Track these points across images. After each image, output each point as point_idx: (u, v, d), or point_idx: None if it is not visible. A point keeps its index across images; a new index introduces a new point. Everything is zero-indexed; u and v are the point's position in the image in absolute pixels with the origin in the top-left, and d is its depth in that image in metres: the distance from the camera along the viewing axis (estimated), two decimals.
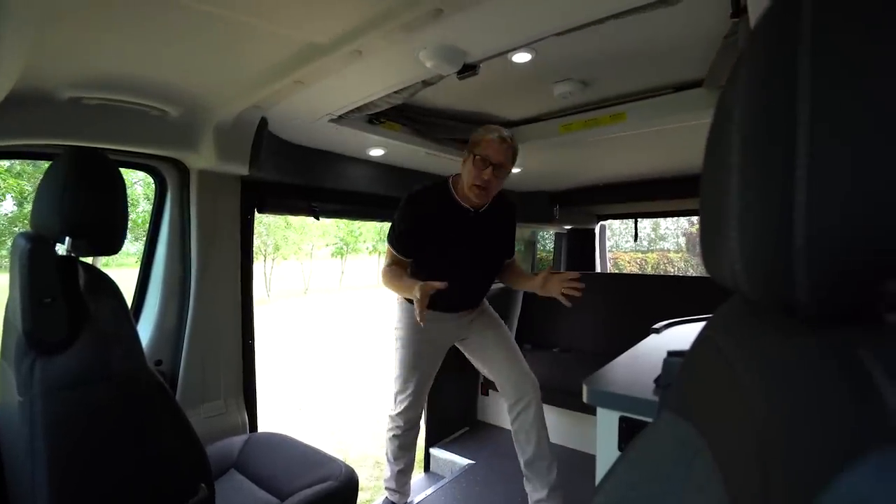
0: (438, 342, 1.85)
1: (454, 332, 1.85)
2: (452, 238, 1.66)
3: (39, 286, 0.83)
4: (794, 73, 0.24)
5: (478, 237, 1.69)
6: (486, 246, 1.74)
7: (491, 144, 1.52)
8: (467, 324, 1.86)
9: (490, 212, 1.71)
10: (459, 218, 1.66)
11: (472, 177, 1.55)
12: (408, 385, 1.84)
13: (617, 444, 1.00)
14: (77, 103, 1.22)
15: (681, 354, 0.54)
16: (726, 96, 0.31)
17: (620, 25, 0.98)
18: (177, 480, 0.92)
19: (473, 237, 1.68)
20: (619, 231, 12.07)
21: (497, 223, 1.76)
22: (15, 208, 8.08)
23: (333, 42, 1.02)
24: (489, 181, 1.54)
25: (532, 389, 1.80)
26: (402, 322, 1.82)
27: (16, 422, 0.84)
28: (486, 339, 1.87)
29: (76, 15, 0.86)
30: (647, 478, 0.44)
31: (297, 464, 1.34)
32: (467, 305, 1.83)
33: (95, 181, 0.90)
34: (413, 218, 1.63)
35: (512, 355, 1.84)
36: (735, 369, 0.33)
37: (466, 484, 2.22)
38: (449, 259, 1.67)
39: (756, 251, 0.27)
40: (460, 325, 1.84)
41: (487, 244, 1.74)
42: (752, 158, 0.27)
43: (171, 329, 1.61)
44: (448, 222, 1.65)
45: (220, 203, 1.66)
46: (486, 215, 1.70)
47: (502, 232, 1.81)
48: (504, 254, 1.84)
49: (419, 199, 1.65)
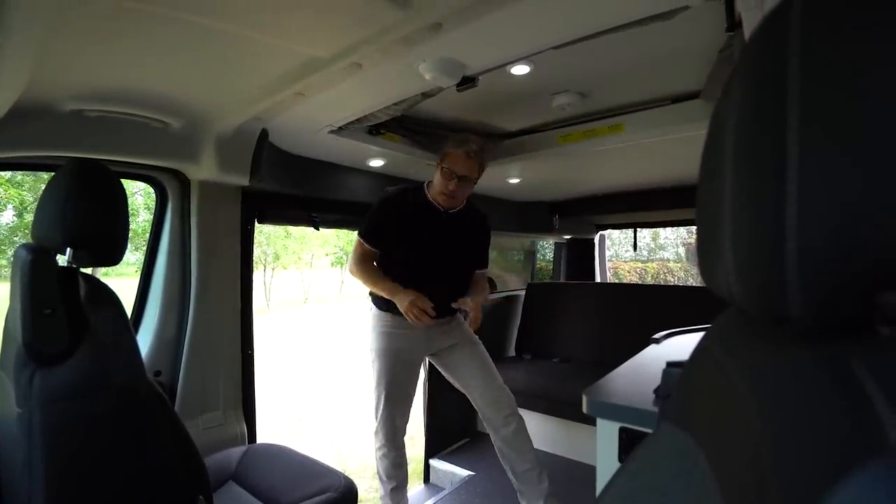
0: (409, 353, 1.81)
1: (425, 344, 1.82)
2: (423, 235, 1.73)
3: (40, 297, 0.83)
4: (784, 78, 0.24)
5: (447, 238, 1.77)
6: (455, 248, 1.79)
7: (458, 159, 1.65)
8: (440, 335, 1.82)
9: (461, 216, 1.81)
10: (431, 216, 1.75)
11: (441, 185, 1.70)
12: (381, 398, 1.79)
13: (617, 454, 0.99)
14: (79, 115, 1.23)
15: (680, 365, 0.54)
16: (720, 107, 0.32)
17: (618, 38, 1.00)
18: (175, 492, 0.91)
19: (443, 236, 1.76)
20: (619, 241, 12.11)
21: (467, 229, 1.85)
22: (15, 219, 8.10)
23: (334, 55, 1.03)
24: (454, 191, 1.68)
25: (508, 404, 1.80)
26: (373, 332, 1.81)
27: (13, 433, 0.83)
28: (460, 354, 1.85)
29: (79, 29, 0.87)
30: (647, 489, 0.43)
31: (297, 475, 1.33)
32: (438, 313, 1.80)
33: (97, 192, 0.91)
34: (386, 213, 1.74)
35: (486, 372, 1.83)
36: (731, 380, 0.33)
37: (466, 495, 2.20)
38: (419, 257, 1.72)
39: (749, 263, 0.27)
40: (432, 336, 1.80)
41: (457, 247, 1.79)
42: (745, 168, 0.27)
43: (170, 339, 1.61)
44: (420, 218, 1.74)
45: (220, 214, 1.67)
46: (456, 218, 1.80)
47: (472, 239, 1.87)
48: (475, 262, 1.89)
49: (393, 197, 1.76)
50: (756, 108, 0.27)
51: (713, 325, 0.45)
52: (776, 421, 0.25)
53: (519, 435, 1.78)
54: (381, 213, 1.74)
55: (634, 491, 0.45)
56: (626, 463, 0.49)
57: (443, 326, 1.83)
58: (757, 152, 0.26)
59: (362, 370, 6.64)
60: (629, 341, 1.63)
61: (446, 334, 1.84)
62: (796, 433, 0.23)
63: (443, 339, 1.84)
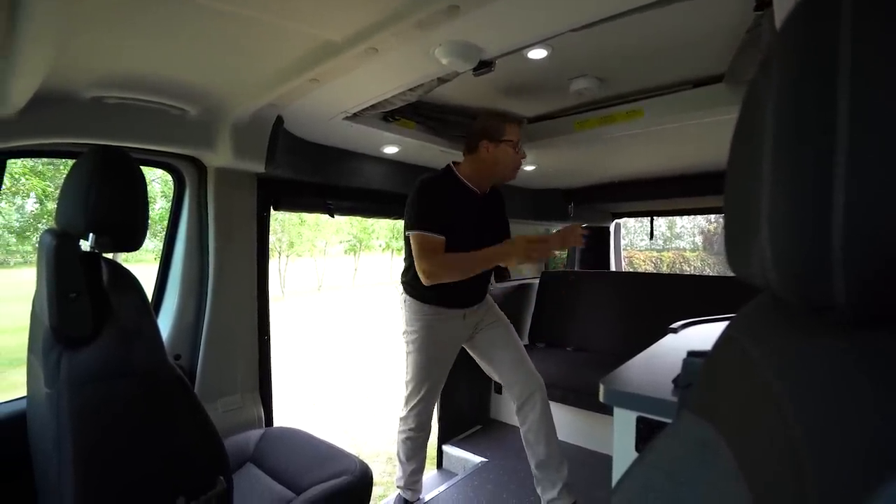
0: (450, 343, 1.84)
1: (463, 332, 1.85)
2: (465, 221, 1.69)
3: (65, 281, 0.85)
4: (834, 67, 0.23)
5: (484, 220, 1.77)
6: (490, 229, 1.78)
7: (516, 129, 1.66)
8: (475, 323, 1.85)
9: (490, 196, 1.81)
10: (469, 201, 1.73)
11: (511, 159, 1.67)
12: (420, 389, 1.82)
13: (634, 444, 0.98)
14: (98, 102, 1.24)
15: (701, 355, 0.53)
16: (755, 91, 0.30)
17: (639, 20, 0.97)
18: (196, 473, 0.93)
19: (481, 220, 1.75)
20: (634, 229, 11.92)
21: (495, 209, 1.87)
22: (37, 205, 8.31)
23: (349, 40, 1.02)
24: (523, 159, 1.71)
25: (539, 389, 1.80)
26: (414, 325, 1.79)
27: (44, 413, 0.86)
28: (493, 337, 1.86)
29: (99, 16, 0.87)
30: (666, 478, 0.43)
31: (313, 458, 1.36)
32: (476, 297, 1.83)
33: (119, 179, 0.92)
34: (437, 196, 1.66)
35: (518, 355, 1.84)
36: (762, 372, 0.33)
37: (479, 482, 2.22)
38: (463, 242, 1.68)
39: (789, 250, 0.26)
40: (468, 324, 1.83)
41: (491, 227, 1.80)
42: (786, 155, 0.26)
43: (189, 324, 1.64)
44: (460, 205, 1.70)
45: (236, 200, 1.68)
46: (488, 199, 1.80)
47: (500, 216, 1.89)
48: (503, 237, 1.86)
49: (436, 181, 1.70)
50: (800, 95, 0.25)
51: (739, 314, 0.44)
52: (814, 415, 0.24)
53: (546, 421, 1.78)
54: (433, 198, 1.64)
55: (653, 480, 0.45)
56: (644, 453, 0.48)
57: (478, 313, 1.86)
58: (801, 136, 0.25)
59: (377, 356, 6.73)
60: (644, 331, 1.61)
61: (483, 317, 1.87)
62: (840, 427, 0.22)
63: (477, 325, 1.86)
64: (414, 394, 1.84)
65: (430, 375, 1.81)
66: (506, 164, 1.68)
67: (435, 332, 1.77)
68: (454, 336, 1.83)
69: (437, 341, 1.79)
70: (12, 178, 7.05)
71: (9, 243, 8.77)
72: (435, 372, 1.82)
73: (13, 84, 0.99)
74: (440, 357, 1.82)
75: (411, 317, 1.80)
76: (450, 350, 1.85)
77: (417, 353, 1.80)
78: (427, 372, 1.81)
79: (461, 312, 1.79)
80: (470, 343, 1.91)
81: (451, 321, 1.78)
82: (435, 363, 1.81)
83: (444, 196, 1.66)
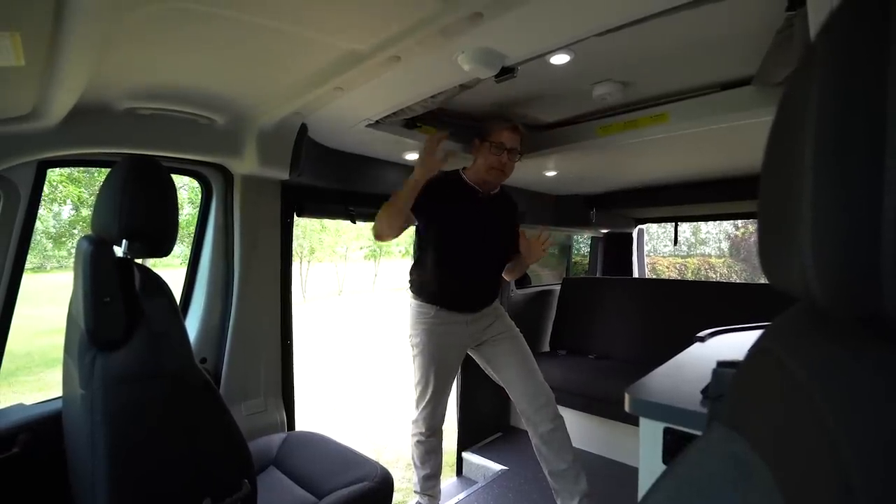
0: (452, 346, 1.84)
1: (467, 340, 1.85)
2: (461, 216, 1.75)
3: (100, 286, 0.88)
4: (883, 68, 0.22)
5: (487, 221, 1.81)
6: (492, 231, 1.82)
7: (504, 133, 1.70)
8: (482, 329, 1.85)
9: (496, 199, 1.86)
10: (470, 197, 1.79)
11: (490, 161, 1.72)
12: (426, 391, 1.84)
13: (661, 456, 0.96)
14: (132, 114, 1.29)
15: (732, 365, 0.52)
16: (794, 94, 0.30)
17: (664, 23, 0.95)
18: (222, 475, 0.95)
19: (482, 220, 1.79)
20: (657, 235, 11.68)
21: (502, 213, 1.90)
22: (73, 212, 8.64)
23: (373, 48, 1.03)
24: (506, 163, 1.73)
25: (547, 402, 1.78)
26: (416, 328, 1.84)
27: (79, 413, 0.89)
28: (501, 347, 1.86)
29: (136, 33, 0.91)
30: (697, 493, 0.42)
31: (334, 463, 1.36)
32: (478, 302, 1.83)
33: (151, 188, 0.95)
34: (430, 192, 1.70)
35: (527, 367, 1.82)
36: (799, 383, 0.31)
37: (499, 490, 2.20)
38: (459, 238, 1.74)
39: (834, 258, 0.25)
40: (472, 332, 1.83)
41: (494, 230, 1.83)
42: (831, 160, 0.25)
43: (215, 328, 1.68)
44: (457, 200, 1.78)
45: (261, 207, 1.72)
46: (492, 201, 1.84)
47: (508, 224, 1.91)
48: (510, 247, 1.90)
49: (436, 177, 1.75)
50: (846, 92, 0.24)
51: (774, 324, 0.42)
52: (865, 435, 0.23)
53: (557, 433, 1.76)
54: (428, 187, 1.70)
55: (683, 495, 0.43)
56: (672, 465, 0.47)
57: (484, 319, 1.85)
58: (847, 140, 0.24)
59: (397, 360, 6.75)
60: (669, 339, 1.57)
61: (488, 326, 1.86)
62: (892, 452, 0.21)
63: (485, 331, 1.86)
64: (421, 397, 1.86)
65: (434, 379, 1.83)
66: (481, 163, 1.75)
67: (436, 336, 1.80)
68: (456, 343, 1.84)
69: (440, 346, 1.81)
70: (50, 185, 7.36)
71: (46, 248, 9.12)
72: (438, 376, 1.83)
73: (54, 97, 1.03)
74: (442, 362, 1.83)
75: (414, 321, 1.85)
76: (452, 356, 1.86)
77: (421, 357, 1.83)
78: (429, 373, 1.83)
79: (463, 318, 1.80)
80: (478, 354, 1.91)
81: (452, 327, 1.80)
82: (437, 368, 1.82)
83: (442, 189, 1.75)
